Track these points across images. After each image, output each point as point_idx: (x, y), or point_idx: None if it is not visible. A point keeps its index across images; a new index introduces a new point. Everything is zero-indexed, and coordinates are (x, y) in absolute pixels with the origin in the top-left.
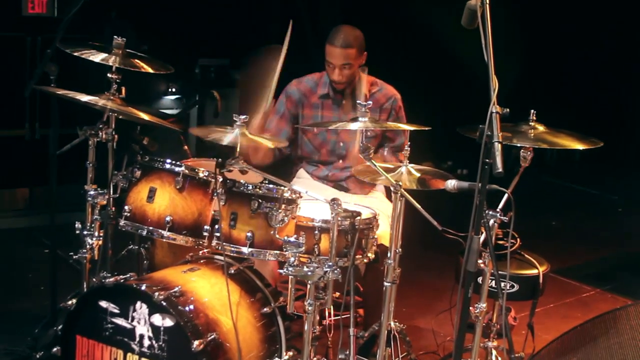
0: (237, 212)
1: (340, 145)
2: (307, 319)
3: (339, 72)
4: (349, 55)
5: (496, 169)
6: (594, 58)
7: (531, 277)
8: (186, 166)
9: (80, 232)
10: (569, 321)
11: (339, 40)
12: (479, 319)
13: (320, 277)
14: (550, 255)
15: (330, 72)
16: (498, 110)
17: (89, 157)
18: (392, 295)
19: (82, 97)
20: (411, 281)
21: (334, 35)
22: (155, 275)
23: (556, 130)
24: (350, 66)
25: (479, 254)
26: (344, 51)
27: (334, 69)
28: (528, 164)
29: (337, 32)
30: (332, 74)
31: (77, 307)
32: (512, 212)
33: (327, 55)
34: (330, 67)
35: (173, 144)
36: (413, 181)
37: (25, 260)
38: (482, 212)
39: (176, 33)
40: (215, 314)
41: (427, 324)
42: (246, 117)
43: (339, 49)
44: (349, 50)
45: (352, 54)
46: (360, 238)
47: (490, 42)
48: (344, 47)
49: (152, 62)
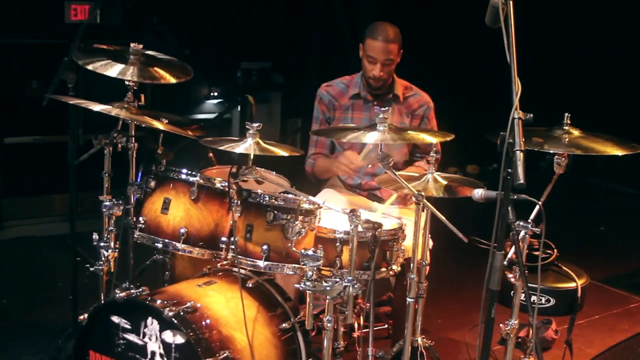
0: (252, 224)
1: (371, 148)
2: (325, 335)
3: (381, 67)
4: (392, 50)
5: (517, 180)
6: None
7: (569, 291)
8: (202, 176)
9: (97, 244)
10: (614, 334)
11: (382, 34)
12: (510, 336)
13: (339, 292)
14: (597, 262)
15: (369, 68)
16: (521, 115)
17: (104, 166)
18: (416, 311)
19: (95, 106)
20: (451, 290)
21: (376, 30)
22: (169, 289)
23: (592, 134)
24: (391, 62)
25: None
26: (387, 46)
27: (375, 64)
28: (563, 171)
29: (379, 26)
30: (373, 70)
31: (89, 322)
32: (543, 223)
33: (369, 50)
34: (371, 63)
35: (198, 151)
36: (440, 189)
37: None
38: (504, 225)
39: (218, 37)
40: (230, 330)
41: (463, 336)
42: (259, 125)
43: (382, 44)
44: (392, 45)
45: (394, 49)
46: (384, 250)
47: (513, 43)
48: (387, 42)
49: (172, 69)
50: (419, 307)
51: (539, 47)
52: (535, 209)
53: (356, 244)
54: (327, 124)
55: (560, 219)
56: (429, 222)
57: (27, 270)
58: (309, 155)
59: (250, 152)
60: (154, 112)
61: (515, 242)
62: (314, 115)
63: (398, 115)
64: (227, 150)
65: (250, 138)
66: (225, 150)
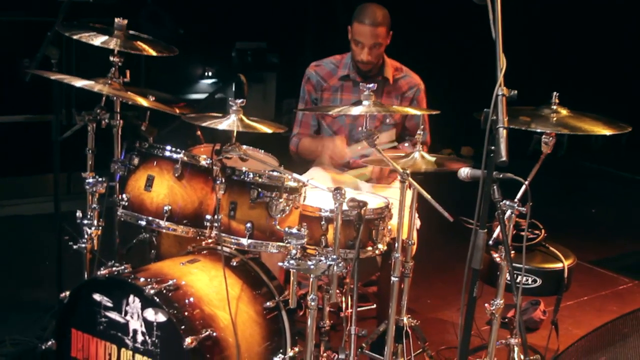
0: (236, 201)
1: (358, 130)
2: (309, 314)
3: (368, 51)
4: (379, 33)
5: (499, 157)
6: (629, 35)
7: (555, 272)
8: (186, 153)
9: (80, 221)
10: (603, 315)
11: (368, 18)
12: (495, 316)
13: (323, 271)
14: (587, 244)
15: (357, 52)
16: (505, 92)
17: (88, 143)
18: (400, 290)
19: (78, 81)
20: (440, 270)
21: (363, 13)
22: (152, 267)
23: (581, 114)
24: (379, 45)
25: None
26: (374, 29)
27: (362, 49)
28: (550, 151)
29: (366, 9)
30: (360, 54)
31: (71, 300)
32: (529, 202)
33: (356, 34)
34: (359, 47)
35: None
36: (429, 163)
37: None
38: (487, 203)
39: (212, 16)
40: (213, 308)
41: (451, 317)
42: (243, 102)
43: (369, 27)
44: (379, 29)
45: (382, 32)
46: (370, 229)
47: (499, 18)
48: (375, 26)
49: (156, 45)
50: (405, 287)
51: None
52: (521, 189)
53: (341, 222)
54: (314, 105)
55: (552, 201)
56: (415, 201)
57: (15, 250)
58: (294, 134)
59: (233, 128)
60: (141, 89)
61: (501, 221)
62: (300, 94)
63: (387, 98)
64: (215, 128)
65: (233, 115)
66: (214, 129)
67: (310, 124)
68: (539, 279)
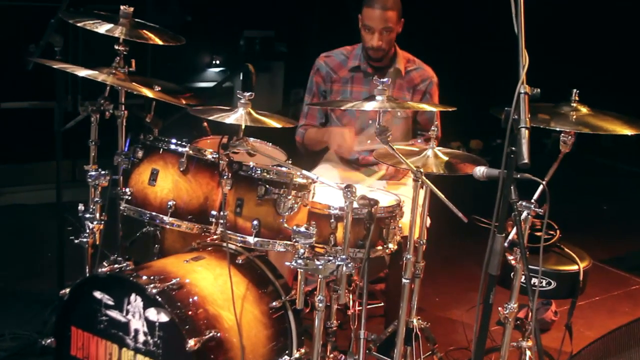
0: (243, 197)
1: (369, 123)
2: (317, 315)
3: (379, 36)
4: (390, 18)
5: (521, 159)
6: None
7: (570, 274)
8: (191, 146)
9: (82, 215)
10: (615, 316)
11: (379, 2)
12: (508, 320)
13: (332, 271)
14: (598, 242)
15: (368, 38)
16: (527, 90)
17: (91, 134)
18: (412, 292)
19: (81, 71)
20: (449, 268)
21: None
22: (155, 265)
23: (601, 112)
24: (390, 30)
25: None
26: (384, 13)
27: (372, 34)
28: (569, 150)
29: None
30: (371, 40)
31: (71, 297)
32: (547, 203)
33: (366, 19)
34: (369, 33)
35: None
36: (440, 165)
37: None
38: (506, 206)
39: (221, 4)
40: (217, 309)
41: (460, 316)
42: (252, 95)
43: (379, 11)
44: (389, 13)
45: (393, 17)
46: (380, 227)
47: (522, 11)
48: (384, 10)
49: (162, 34)
50: (415, 288)
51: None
52: (539, 189)
53: (351, 221)
54: (322, 97)
55: (561, 197)
56: (427, 199)
57: (17, 239)
58: (300, 126)
59: (241, 122)
60: (146, 79)
61: (517, 223)
62: (308, 86)
63: (399, 90)
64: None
65: (241, 108)
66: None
67: (316, 116)
68: (553, 282)
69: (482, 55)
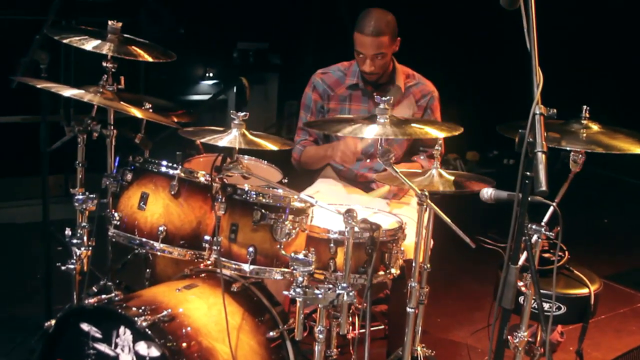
0: (238, 223)
1: (368, 143)
2: (316, 347)
3: (371, 62)
4: (381, 43)
5: (539, 186)
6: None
7: (580, 298)
8: (183, 169)
9: (69, 240)
10: (622, 336)
11: (369, 27)
12: (518, 350)
13: (332, 300)
14: (601, 258)
15: (360, 62)
16: (542, 111)
17: (77, 156)
18: (416, 320)
19: (66, 90)
20: (450, 287)
21: (363, 22)
22: (145, 294)
23: (613, 130)
24: (383, 55)
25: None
26: (375, 40)
27: (364, 60)
28: (580, 169)
29: (367, 18)
30: (363, 65)
31: (57, 329)
32: (559, 227)
33: (357, 45)
34: (361, 58)
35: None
36: (447, 183)
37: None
38: (521, 235)
39: (214, 15)
40: (211, 341)
41: (464, 338)
42: (246, 115)
43: (370, 38)
44: (381, 39)
45: (385, 42)
46: (382, 252)
47: (534, 27)
48: (376, 36)
49: (152, 50)
50: (420, 314)
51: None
52: (549, 211)
53: (351, 247)
54: (320, 114)
55: (562, 211)
56: (431, 222)
57: (4, 259)
58: (298, 142)
59: (235, 145)
60: (136, 96)
61: (528, 247)
62: (303, 102)
63: None
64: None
65: (235, 129)
66: None
67: (315, 132)
68: (563, 306)
69: (477, 67)
